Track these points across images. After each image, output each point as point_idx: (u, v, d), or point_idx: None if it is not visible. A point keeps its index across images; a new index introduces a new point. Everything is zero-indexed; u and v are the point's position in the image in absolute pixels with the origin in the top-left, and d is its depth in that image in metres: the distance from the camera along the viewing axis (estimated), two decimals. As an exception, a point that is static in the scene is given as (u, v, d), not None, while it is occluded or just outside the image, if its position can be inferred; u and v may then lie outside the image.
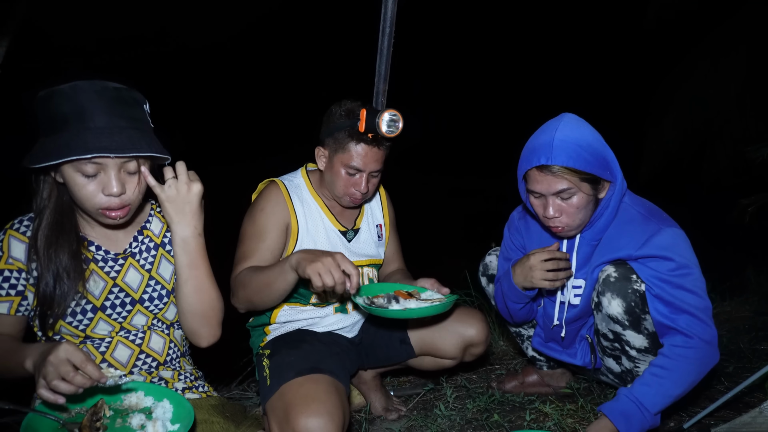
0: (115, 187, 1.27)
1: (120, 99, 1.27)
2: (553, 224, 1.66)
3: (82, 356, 1.11)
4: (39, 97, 1.25)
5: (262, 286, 1.64)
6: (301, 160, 2.00)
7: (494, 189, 8.82)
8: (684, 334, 1.56)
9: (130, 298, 1.45)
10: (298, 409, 1.49)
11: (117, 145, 1.22)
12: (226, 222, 2.06)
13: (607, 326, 1.70)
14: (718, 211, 4.65)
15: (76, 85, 1.24)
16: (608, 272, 1.66)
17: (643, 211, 1.69)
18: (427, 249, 2.04)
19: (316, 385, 1.57)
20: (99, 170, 1.26)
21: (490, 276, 2.07)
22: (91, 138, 1.21)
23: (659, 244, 1.60)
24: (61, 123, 1.22)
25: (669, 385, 1.57)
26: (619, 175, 1.67)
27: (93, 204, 1.29)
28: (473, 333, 1.89)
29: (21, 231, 1.37)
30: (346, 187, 1.81)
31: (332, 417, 1.49)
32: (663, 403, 1.57)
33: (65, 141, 1.21)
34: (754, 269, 3.52)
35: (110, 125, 1.24)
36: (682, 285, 1.58)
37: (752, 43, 4.91)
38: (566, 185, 1.58)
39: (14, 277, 1.35)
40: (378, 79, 1.98)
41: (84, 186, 1.27)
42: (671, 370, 1.57)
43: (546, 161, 1.57)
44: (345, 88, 1.93)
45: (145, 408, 1.29)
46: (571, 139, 1.57)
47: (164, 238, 1.53)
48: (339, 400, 1.56)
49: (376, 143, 1.77)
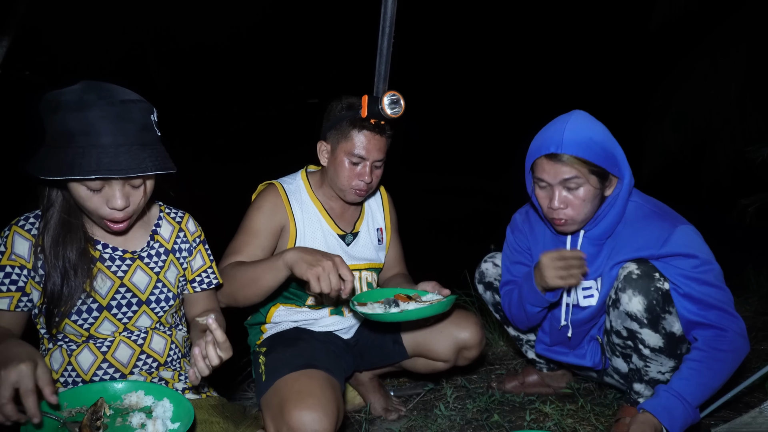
0: (119, 202, 1.29)
1: (127, 113, 1.26)
2: (557, 216, 1.66)
3: (30, 386, 1.08)
4: (45, 104, 1.25)
5: (248, 281, 1.62)
6: (300, 161, 2.00)
7: (494, 189, 8.82)
8: (717, 328, 1.58)
9: (137, 299, 1.45)
10: (292, 403, 1.50)
11: (123, 165, 1.23)
12: (226, 221, 2.06)
13: (623, 323, 1.69)
14: (718, 211, 4.65)
15: (83, 100, 1.23)
16: (630, 269, 1.65)
17: (656, 209, 1.70)
18: (427, 249, 2.04)
19: (311, 380, 1.58)
20: (104, 185, 1.28)
21: (487, 283, 2.07)
22: (98, 157, 1.22)
23: (681, 241, 1.61)
24: (68, 138, 1.23)
25: (707, 378, 1.58)
26: (627, 174, 1.67)
27: (98, 214, 1.32)
28: (467, 336, 1.88)
29: (26, 228, 1.38)
30: (350, 178, 1.81)
31: (326, 412, 1.50)
32: (702, 395, 1.58)
33: (72, 159, 1.21)
34: (754, 269, 3.52)
35: (117, 143, 1.24)
36: (708, 281, 1.59)
37: (752, 42, 4.91)
38: (574, 173, 1.59)
39: (15, 273, 1.35)
40: (378, 79, 1.98)
41: (89, 198, 1.29)
42: (708, 362, 1.58)
43: (556, 150, 1.58)
44: (345, 89, 1.93)
45: (145, 407, 1.29)
46: (582, 131, 1.60)
47: (174, 244, 1.54)
48: (333, 396, 1.56)
49: (378, 130, 1.78)
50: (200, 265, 1.58)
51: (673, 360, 1.67)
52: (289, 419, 1.48)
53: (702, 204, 5.06)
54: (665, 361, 1.67)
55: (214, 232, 1.70)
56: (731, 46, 5.06)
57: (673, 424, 1.56)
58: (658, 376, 1.70)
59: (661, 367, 1.68)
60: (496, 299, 2.05)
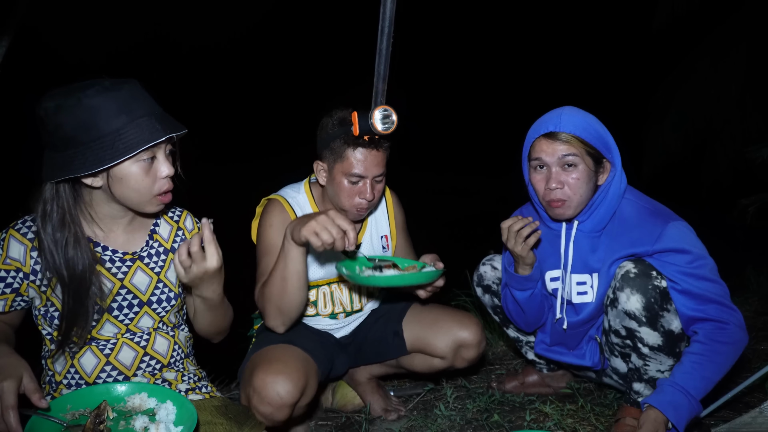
0: (167, 170, 1.34)
1: (135, 90, 1.32)
2: (555, 197, 1.67)
3: (11, 402, 1.11)
4: (55, 108, 1.26)
5: (278, 285, 1.63)
6: (302, 161, 1.99)
7: (494, 189, 8.82)
8: (716, 321, 1.59)
9: (138, 300, 1.45)
10: (259, 368, 1.59)
11: (164, 128, 1.30)
12: (227, 222, 2.06)
13: (621, 322, 1.69)
14: (718, 211, 4.65)
15: (94, 92, 1.26)
16: (627, 268, 1.66)
17: (648, 206, 1.72)
18: (427, 249, 2.04)
19: (283, 351, 1.67)
20: (153, 153, 1.32)
21: (485, 286, 2.07)
22: (140, 130, 1.27)
23: (673, 237, 1.63)
24: (95, 130, 1.25)
25: (709, 371, 1.58)
26: (619, 164, 1.70)
27: (150, 192, 1.35)
28: (466, 334, 1.89)
29: (22, 232, 1.38)
30: (350, 197, 1.77)
31: (291, 377, 1.57)
32: (705, 388, 1.59)
33: (114, 143, 1.25)
34: (754, 269, 3.52)
35: (148, 113, 1.29)
36: (704, 276, 1.61)
37: (752, 42, 4.91)
38: (572, 150, 1.63)
39: (11, 276, 1.36)
40: (377, 80, 1.97)
41: (144, 175, 1.32)
42: (709, 355, 1.58)
43: (554, 128, 1.64)
44: (345, 89, 1.93)
45: (149, 410, 1.29)
46: (578, 115, 1.67)
47: (173, 243, 1.54)
48: (303, 366, 1.64)
49: (373, 145, 1.73)
50: None
51: (672, 358, 1.67)
52: (254, 381, 1.57)
53: (702, 204, 5.06)
54: (664, 360, 1.67)
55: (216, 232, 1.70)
56: (731, 47, 5.06)
57: (680, 419, 1.56)
58: (657, 375, 1.70)
59: (660, 366, 1.69)
60: (494, 302, 2.06)
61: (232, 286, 1.95)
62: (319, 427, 2.03)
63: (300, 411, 1.71)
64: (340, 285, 1.95)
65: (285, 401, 1.57)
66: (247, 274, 1.86)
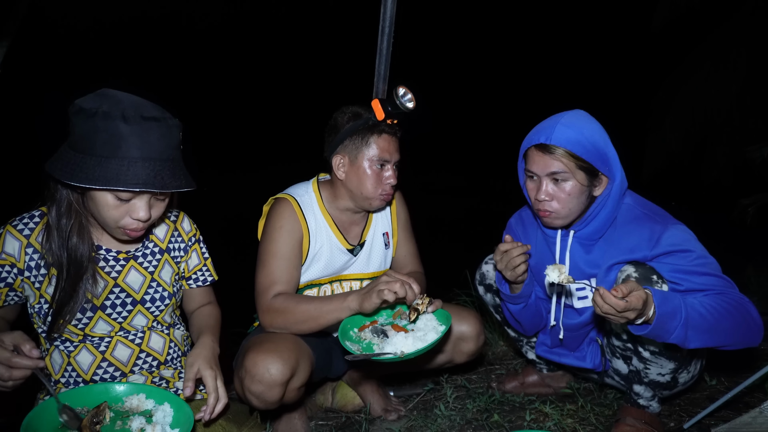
0: (144, 214, 1.32)
1: (160, 128, 1.28)
2: (543, 208, 1.66)
3: (26, 338, 1.19)
4: (78, 109, 1.25)
5: (307, 318, 1.67)
6: (307, 170, 1.98)
7: (494, 189, 8.82)
8: (732, 296, 1.53)
9: (131, 299, 1.46)
10: (250, 350, 1.61)
11: (160, 182, 1.26)
12: (230, 222, 2.06)
13: (622, 326, 1.68)
14: (718, 212, 4.66)
15: (123, 113, 1.24)
16: (628, 272, 1.64)
17: (647, 211, 1.69)
18: (427, 249, 2.04)
19: (276, 336, 1.69)
20: (133, 197, 1.31)
21: (487, 285, 2.06)
22: (137, 171, 1.24)
23: (671, 240, 1.60)
24: (100, 147, 1.24)
25: (714, 321, 1.48)
26: (619, 175, 1.66)
27: (116, 223, 1.34)
28: (465, 328, 1.90)
29: (19, 228, 1.39)
30: (376, 184, 1.80)
31: (282, 357, 1.58)
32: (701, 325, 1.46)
33: (113, 170, 1.23)
34: (754, 269, 3.52)
35: (151, 157, 1.27)
36: (707, 272, 1.58)
37: (752, 43, 4.91)
38: (561, 168, 1.60)
39: (5, 271, 1.38)
40: (378, 79, 1.98)
41: (115, 207, 1.31)
42: (718, 304, 1.49)
43: (546, 140, 1.60)
44: (345, 89, 1.93)
45: (146, 411, 1.29)
46: (575, 126, 1.60)
47: (169, 243, 1.55)
48: (295, 349, 1.65)
49: (394, 131, 1.81)
50: (196, 263, 1.62)
51: (673, 362, 1.66)
52: (246, 362, 1.58)
53: (702, 204, 5.06)
54: (665, 363, 1.67)
55: (213, 233, 1.71)
56: (732, 47, 5.06)
57: (663, 311, 1.42)
58: (658, 378, 1.70)
59: (661, 369, 1.68)
60: (496, 301, 2.05)
61: (232, 286, 1.96)
62: (319, 427, 2.03)
63: (292, 395, 1.68)
64: (342, 284, 1.95)
65: (276, 379, 1.57)
66: (246, 275, 1.86)
